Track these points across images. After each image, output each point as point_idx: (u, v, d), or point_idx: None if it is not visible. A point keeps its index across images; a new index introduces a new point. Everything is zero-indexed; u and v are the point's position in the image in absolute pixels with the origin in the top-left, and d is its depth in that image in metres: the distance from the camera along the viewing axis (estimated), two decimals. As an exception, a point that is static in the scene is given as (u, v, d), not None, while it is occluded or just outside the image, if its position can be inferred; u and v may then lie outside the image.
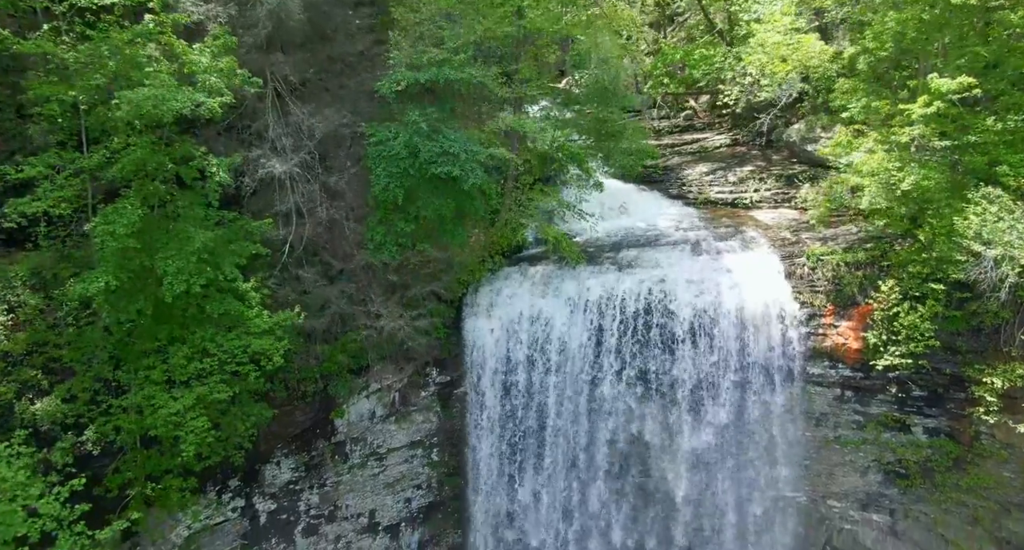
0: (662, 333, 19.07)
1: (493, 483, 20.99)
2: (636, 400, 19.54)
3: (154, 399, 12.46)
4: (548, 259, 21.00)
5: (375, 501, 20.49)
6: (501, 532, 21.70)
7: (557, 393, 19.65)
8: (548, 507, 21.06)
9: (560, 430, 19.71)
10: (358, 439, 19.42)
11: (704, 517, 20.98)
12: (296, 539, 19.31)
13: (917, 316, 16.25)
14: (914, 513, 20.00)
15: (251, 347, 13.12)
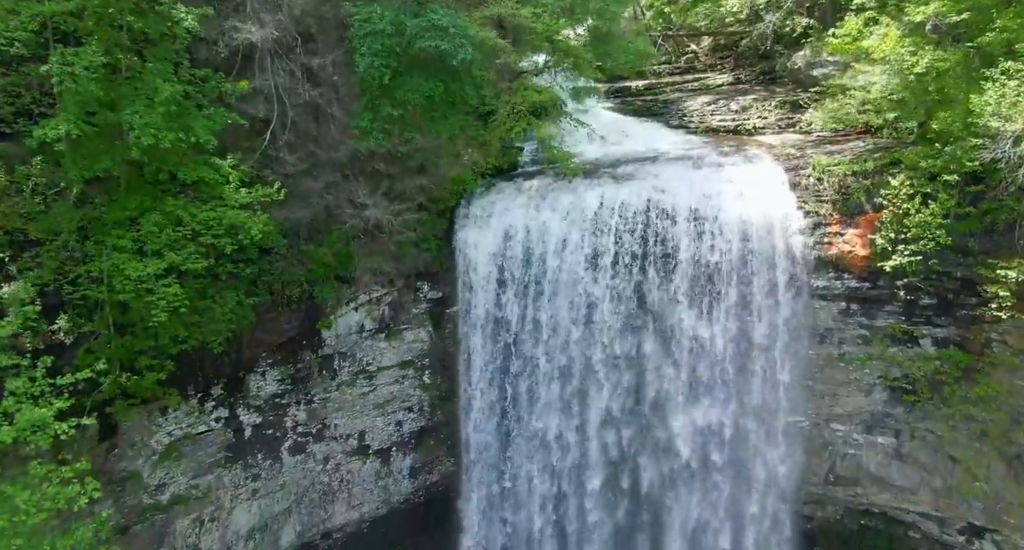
0: (661, 244, 18.41)
1: (487, 408, 20.40)
2: (634, 316, 18.91)
3: (123, 267, 11.80)
4: (544, 174, 20.35)
5: (365, 422, 19.91)
6: (496, 460, 21.14)
7: (552, 309, 19.00)
8: (544, 433, 20.50)
9: (556, 348, 19.07)
10: (346, 355, 18.79)
11: (704, 445, 20.45)
12: (283, 457, 18.73)
13: (928, 213, 15.58)
14: (920, 432, 19.44)
15: (227, 218, 12.42)
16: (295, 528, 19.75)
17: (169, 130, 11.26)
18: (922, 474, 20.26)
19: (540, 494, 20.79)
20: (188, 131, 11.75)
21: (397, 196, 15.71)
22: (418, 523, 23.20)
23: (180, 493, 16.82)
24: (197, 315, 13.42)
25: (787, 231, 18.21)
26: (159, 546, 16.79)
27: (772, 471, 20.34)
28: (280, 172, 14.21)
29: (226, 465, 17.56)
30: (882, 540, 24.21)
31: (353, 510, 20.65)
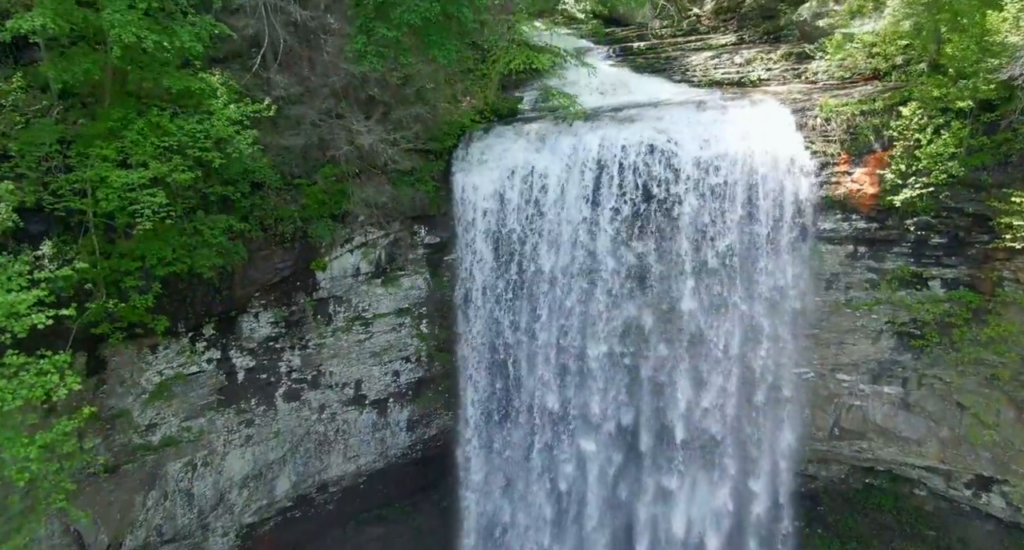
0: (663, 186, 17.95)
1: (487, 358, 19.99)
2: (634, 260, 18.47)
3: (107, 176, 11.34)
4: (544, 119, 19.87)
5: (361, 371, 19.50)
6: (496, 413, 20.75)
7: (552, 254, 18.57)
8: (544, 384, 20.10)
9: (557, 292, 18.64)
10: (342, 299, 18.36)
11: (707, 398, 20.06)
12: (277, 403, 18.34)
13: (941, 143, 15.13)
14: (928, 380, 19.06)
15: (214, 131, 11.94)
16: (290, 478, 19.40)
17: (151, 31, 10.76)
18: (929, 424, 19.89)
19: (541, 453, 20.49)
20: (172, 36, 11.24)
21: (393, 126, 15.24)
22: (416, 481, 22.87)
23: (171, 435, 16.45)
24: (185, 236, 12.98)
25: (793, 171, 17.73)
26: (150, 488, 16.44)
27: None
28: (272, 95, 13.74)
29: (218, 408, 17.18)
30: (887, 499, 23.91)
31: (349, 462, 20.29)
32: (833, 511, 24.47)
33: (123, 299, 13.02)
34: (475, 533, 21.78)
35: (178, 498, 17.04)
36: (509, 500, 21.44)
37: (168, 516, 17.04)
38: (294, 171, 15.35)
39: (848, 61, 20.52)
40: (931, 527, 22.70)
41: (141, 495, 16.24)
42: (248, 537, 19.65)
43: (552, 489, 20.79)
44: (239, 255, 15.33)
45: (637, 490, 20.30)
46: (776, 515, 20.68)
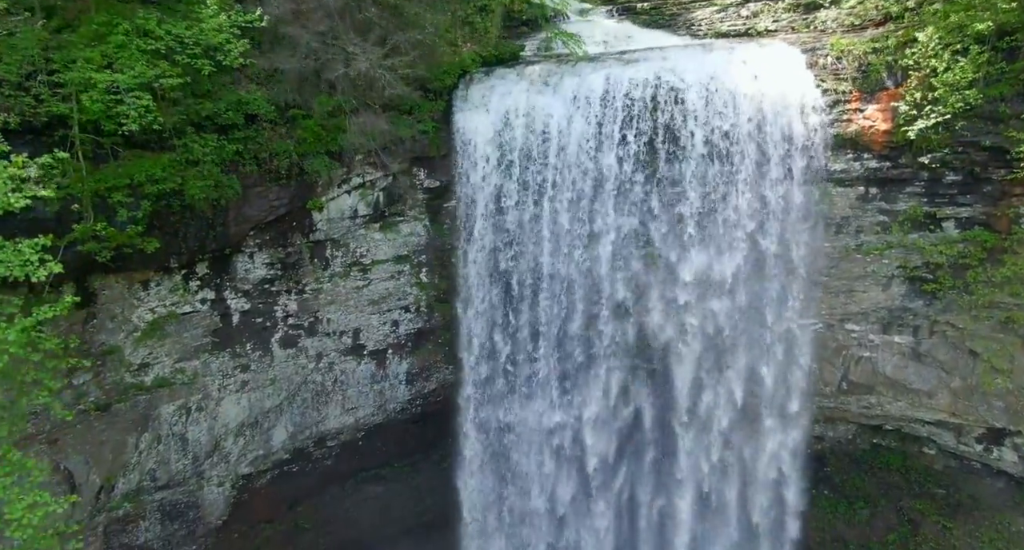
0: (669, 126, 17.46)
1: (487, 307, 19.56)
2: (640, 202, 18.02)
3: (92, 78, 10.87)
4: (547, 61, 19.39)
5: (359, 319, 19.08)
6: (496, 366, 20.35)
7: (555, 196, 18.11)
8: (544, 335, 19.68)
9: (560, 236, 18.18)
10: (339, 243, 17.91)
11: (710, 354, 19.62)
12: (273, 349, 17.92)
13: (958, 69, 14.63)
14: (940, 327, 18.60)
15: (204, 37, 11.46)
16: (287, 429, 19.01)
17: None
18: (940, 374, 19.46)
19: (540, 407, 20.10)
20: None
21: (391, 50, 14.74)
22: (416, 440, 22.49)
23: (164, 376, 16.04)
24: (174, 155, 12.50)
25: (804, 110, 17.21)
26: (143, 430, 16.05)
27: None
28: (264, 13, 13.23)
29: (213, 351, 16.76)
30: (895, 458, 23.50)
31: (347, 414, 19.90)
32: (840, 471, 24.06)
33: (111, 222, 12.59)
34: (476, 492, 21.52)
35: (172, 442, 16.66)
36: (509, 459, 21.15)
37: (161, 461, 16.67)
38: (288, 100, 14.86)
39: (858, 8, 20.02)
40: (940, 485, 22.30)
41: (134, 436, 15.85)
42: (245, 489, 19.28)
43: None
44: (233, 189, 14.89)
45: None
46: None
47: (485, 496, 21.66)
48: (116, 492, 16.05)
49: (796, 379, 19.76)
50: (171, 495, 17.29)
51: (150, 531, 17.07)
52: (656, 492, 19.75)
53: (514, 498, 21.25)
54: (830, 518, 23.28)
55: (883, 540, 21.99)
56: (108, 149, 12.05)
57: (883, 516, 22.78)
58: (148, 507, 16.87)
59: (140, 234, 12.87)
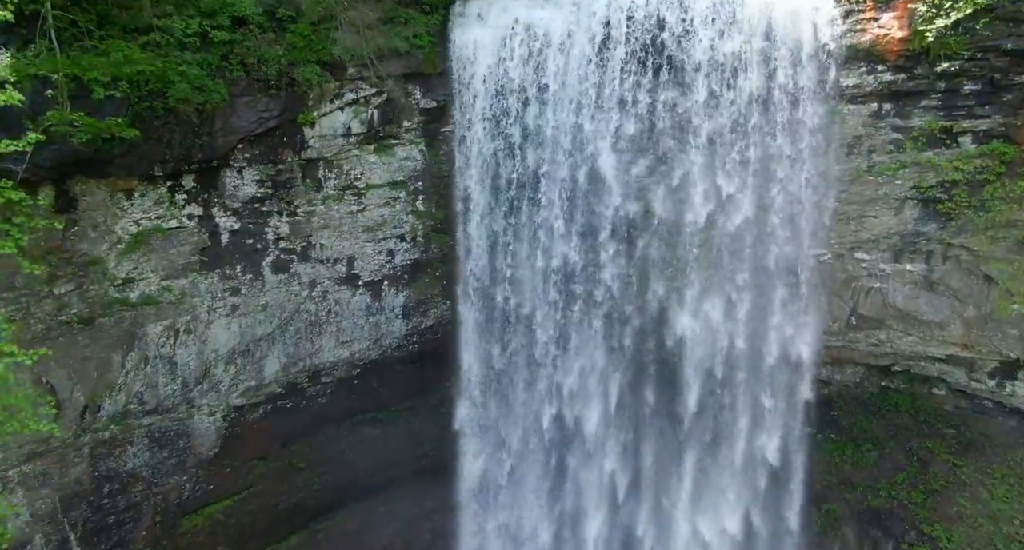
0: (674, 39, 16.77)
1: (485, 237, 18.94)
2: (643, 117, 17.32)
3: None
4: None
5: (353, 246, 18.47)
6: (494, 302, 19.75)
7: (556, 114, 17.45)
8: (544, 270, 19.06)
9: (561, 156, 17.55)
10: (332, 164, 17.26)
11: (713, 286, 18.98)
12: (265, 273, 17.34)
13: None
14: (954, 251, 18.00)
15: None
16: (280, 359, 18.47)
17: None
18: (953, 304, 18.89)
19: (540, 338, 19.55)
20: None
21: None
22: (413, 382, 21.96)
23: (150, 293, 15.47)
24: (154, 36, 11.86)
25: (815, 21, 16.56)
26: (129, 348, 15.51)
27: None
28: None
29: (201, 271, 16.18)
30: (904, 399, 22.98)
31: (342, 347, 19.35)
32: (847, 415, 23.54)
33: (89, 113, 11.98)
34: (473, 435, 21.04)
35: (160, 364, 16.12)
36: (508, 400, 20.63)
37: (149, 383, 16.14)
38: (275, 4, 14.18)
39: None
40: (950, 426, 21.80)
41: (119, 354, 15.31)
42: (237, 422, 18.78)
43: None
44: (219, 93, 14.27)
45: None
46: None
47: (484, 443, 21.25)
48: (102, 413, 15.54)
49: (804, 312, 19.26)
50: (160, 421, 16.79)
51: (138, 458, 16.58)
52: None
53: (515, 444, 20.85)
54: (837, 461, 22.78)
55: (891, 480, 21.48)
56: (84, 29, 11.42)
57: (891, 457, 22.29)
58: (136, 433, 16.37)
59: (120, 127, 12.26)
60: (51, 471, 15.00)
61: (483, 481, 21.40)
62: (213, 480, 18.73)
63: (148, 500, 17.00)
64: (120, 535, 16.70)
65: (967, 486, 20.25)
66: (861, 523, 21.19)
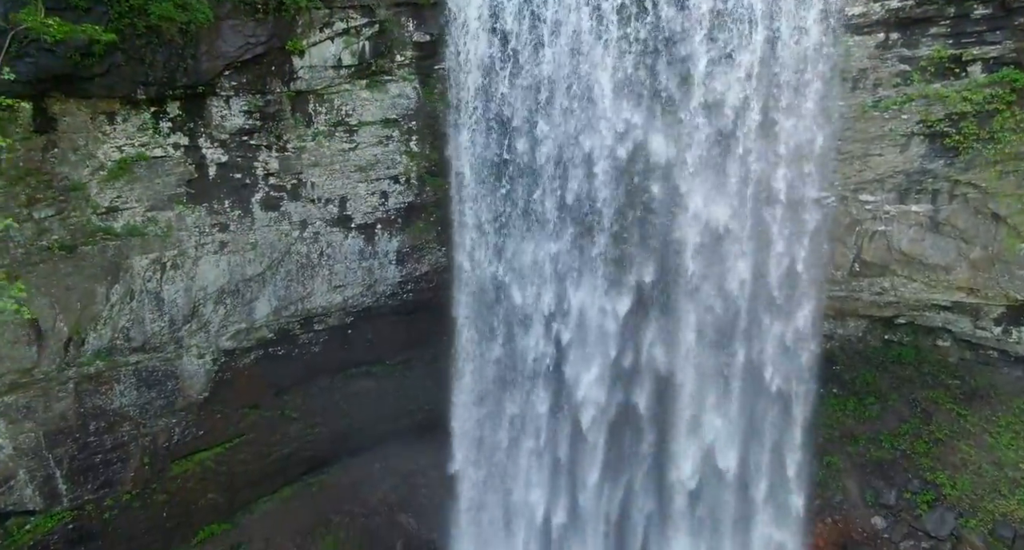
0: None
1: (481, 176, 18.45)
2: (645, 54, 16.80)
3: None
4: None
5: (345, 186, 18.01)
6: (490, 245, 19.30)
7: (555, 47, 16.95)
8: (543, 204, 18.55)
9: (559, 90, 17.05)
10: (323, 97, 16.75)
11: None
12: (254, 210, 16.90)
13: None
14: (961, 189, 17.58)
15: None
16: (270, 302, 18.07)
17: None
18: (959, 245, 18.48)
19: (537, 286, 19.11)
20: None
21: None
22: (408, 335, 21.51)
23: (135, 224, 15.05)
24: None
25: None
26: (114, 281, 15.10)
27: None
28: None
29: (188, 204, 15.75)
30: (908, 352, 22.62)
31: (335, 292, 18.95)
32: (849, 369, 23.19)
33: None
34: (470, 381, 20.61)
35: (146, 300, 15.73)
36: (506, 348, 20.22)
37: (136, 319, 15.76)
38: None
39: None
40: (954, 377, 21.44)
41: (103, 286, 14.91)
42: (227, 367, 18.41)
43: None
44: (203, 14, 13.79)
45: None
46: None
47: (480, 394, 20.86)
48: (87, 347, 15.16)
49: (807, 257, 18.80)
50: (147, 360, 16.41)
51: (125, 396, 16.22)
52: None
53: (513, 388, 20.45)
54: (839, 415, 22.44)
55: (894, 432, 21.13)
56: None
57: (894, 409, 21.95)
58: (123, 370, 15.99)
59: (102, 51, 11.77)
60: (34, 404, 14.66)
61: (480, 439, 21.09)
62: (203, 425, 18.39)
63: (136, 441, 16.66)
64: (108, 475, 16.38)
65: (971, 435, 19.92)
66: (863, 474, 20.87)
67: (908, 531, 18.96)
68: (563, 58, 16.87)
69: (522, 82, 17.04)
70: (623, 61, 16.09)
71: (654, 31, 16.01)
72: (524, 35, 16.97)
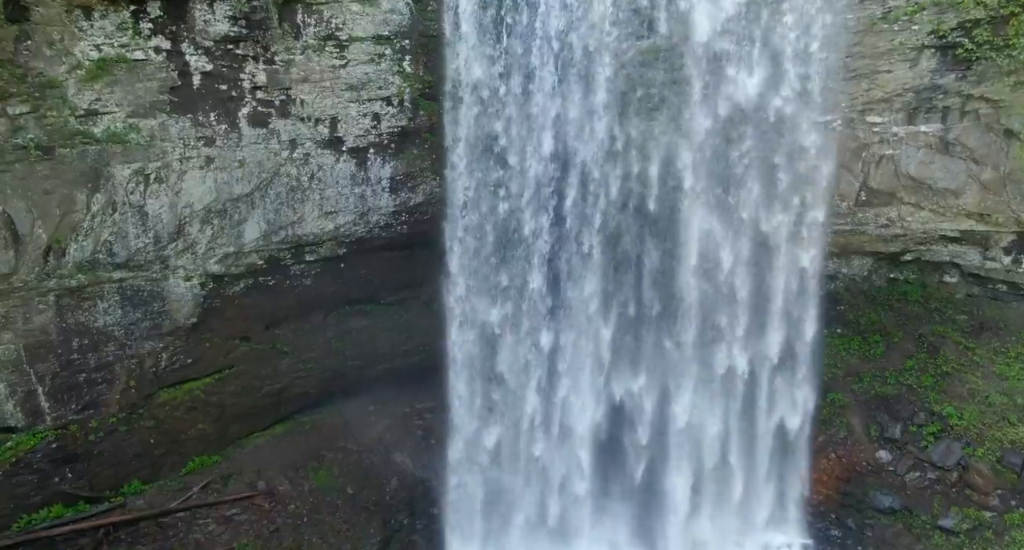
0: None
1: (476, 98, 17.88)
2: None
3: None
4: None
5: (336, 106, 17.38)
6: (488, 170, 18.68)
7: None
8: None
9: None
10: (311, 7, 16.08)
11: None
12: (241, 125, 16.31)
13: None
14: (973, 104, 16.98)
15: None
16: (260, 225, 17.52)
17: None
18: (969, 167, 17.93)
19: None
20: None
21: None
22: (403, 272, 21.09)
23: (116, 131, 14.51)
24: None
25: None
26: (95, 189, 14.59)
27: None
28: None
29: (172, 114, 15.17)
30: (914, 290, 22.14)
31: (326, 218, 18.38)
32: (854, 309, 22.70)
33: None
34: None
35: (129, 213, 15.22)
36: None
37: (119, 233, 15.25)
38: None
39: None
40: (962, 312, 20.99)
41: (83, 193, 14.40)
42: (216, 294, 17.94)
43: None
44: None
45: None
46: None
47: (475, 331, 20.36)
48: (68, 259, 14.68)
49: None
50: (132, 278, 15.92)
51: (109, 315, 15.76)
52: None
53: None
54: (843, 355, 21.95)
55: (900, 368, 20.66)
56: None
57: (900, 347, 21.47)
58: (106, 287, 15.52)
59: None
60: (13, 314, 14.21)
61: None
62: (192, 353, 17.94)
63: (121, 362, 16.22)
64: (92, 396, 15.96)
65: (979, 366, 19.45)
66: (868, 410, 20.41)
67: (914, 463, 18.52)
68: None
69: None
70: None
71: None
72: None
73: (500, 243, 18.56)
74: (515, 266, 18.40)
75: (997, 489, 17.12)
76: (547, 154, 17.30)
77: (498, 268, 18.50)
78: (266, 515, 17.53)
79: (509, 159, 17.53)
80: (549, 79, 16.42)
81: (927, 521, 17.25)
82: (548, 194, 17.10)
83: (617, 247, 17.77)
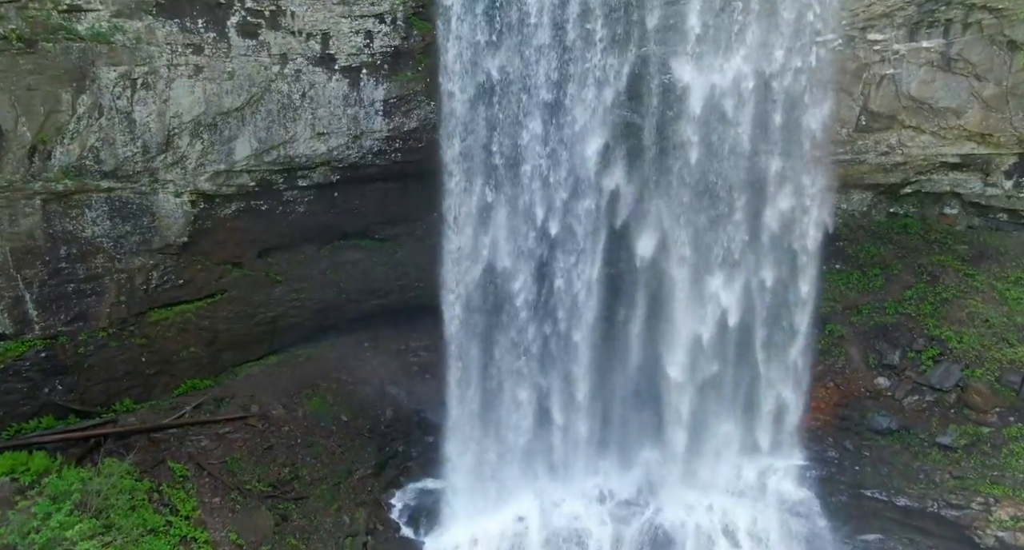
0: None
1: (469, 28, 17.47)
2: None
3: None
4: None
5: (327, 21, 17.02)
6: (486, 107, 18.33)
7: None
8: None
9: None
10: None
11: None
12: (230, 35, 15.96)
13: None
14: (976, 15, 16.70)
15: None
16: (251, 143, 17.23)
17: None
18: (971, 84, 17.66)
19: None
20: None
21: None
22: (397, 205, 20.85)
23: (101, 31, 14.19)
24: None
25: None
26: (80, 89, 14.26)
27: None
28: None
29: (158, 17, 14.80)
30: (913, 223, 21.91)
31: (319, 140, 18.06)
32: (852, 244, 22.47)
33: None
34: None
35: (116, 119, 14.93)
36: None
37: (106, 139, 14.97)
38: None
39: None
40: (963, 242, 20.81)
41: (68, 93, 14.10)
42: (207, 215, 17.69)
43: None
44: None
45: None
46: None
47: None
48: (54, 162, 14.41)
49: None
50: (121, 190, 15.67)
51: (98, 225, 15.53)
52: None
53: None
54: (842, 289, 21.77)
55: (899, 298, 20.52)
56: None
57: (899, 278, 21.30)
58: (94, 197, 15.28)
59: None
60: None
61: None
62: (183, 274, 17.75)
63: (111, 275, 16.01)
64: (81, 308, 15.78)
65: (979, 291, 19.32)
66: (867, 340, 20.26)
67: (912, 387, 18.41)
68: None
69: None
70: None
71: None
72: None
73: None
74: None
75: (996, 407, 17.02)
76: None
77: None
78: (260, 434, 17.42)
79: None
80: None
81: (925, 439, 17.19)
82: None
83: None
